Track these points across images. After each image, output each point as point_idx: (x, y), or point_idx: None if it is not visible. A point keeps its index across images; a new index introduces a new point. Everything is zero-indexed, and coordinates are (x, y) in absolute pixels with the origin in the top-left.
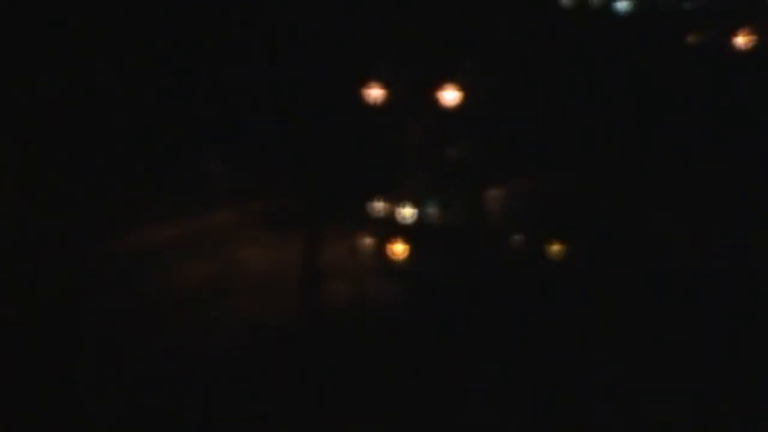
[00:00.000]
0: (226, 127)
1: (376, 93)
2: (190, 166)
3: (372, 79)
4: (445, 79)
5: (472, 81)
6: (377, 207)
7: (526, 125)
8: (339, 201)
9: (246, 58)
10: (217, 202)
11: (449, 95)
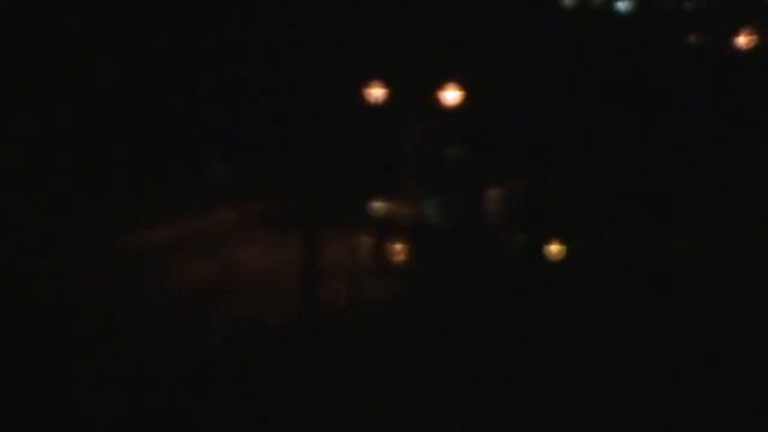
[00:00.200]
0: (226, 128)
1: (376, 93)
2: (190, 166)
3: (372, 79)
4: (445, 79)
5: (472, 81)
6: (377, 207)
7: (525, 125)
8: (339, 201)
9: (246, 59)
10: (217, 202)
11: (449, 95)
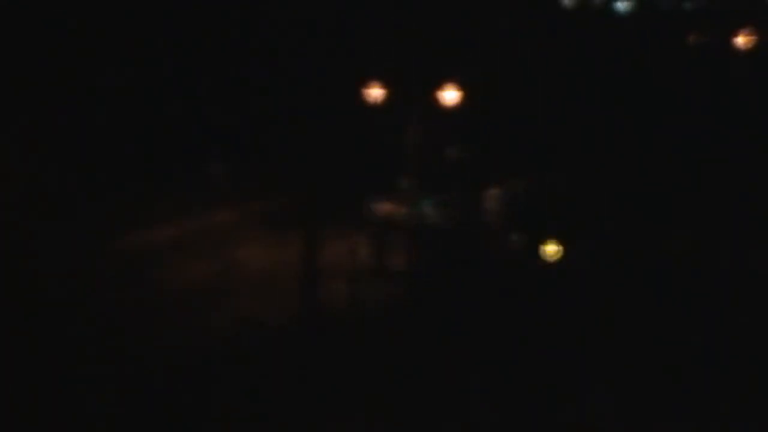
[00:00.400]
0: (226, 128)
1: (376, 93)
2: (190, 166)
3: (372, 79)
4: (445, 79)
5: (472, 81)
6: (376, 207)
7: (525, 125)
8: (339, 201)
9: (246, 59)
10: (217, 202)
11: (449, 95)
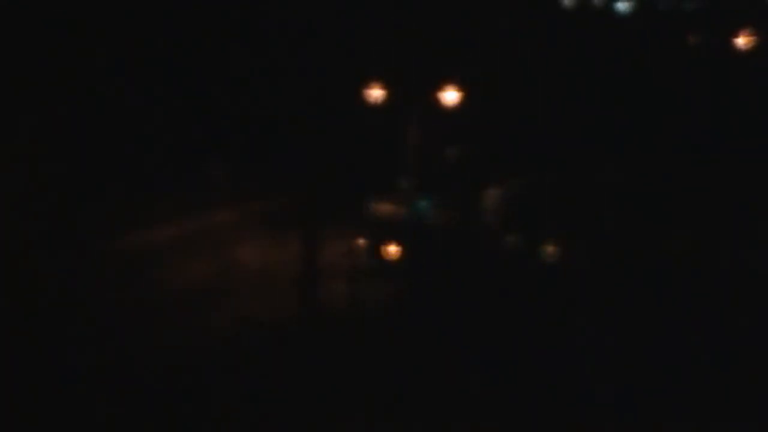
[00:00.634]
0: (226, 128)
1: (376, 93)
2: (190, 166)
3: (372, 79)
4: (445, 79)
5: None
6: (374, 207)
7: (525, 125)
8: (339, 201)
9: (246, 59)
10: (217, 202)
11: (449, 95)
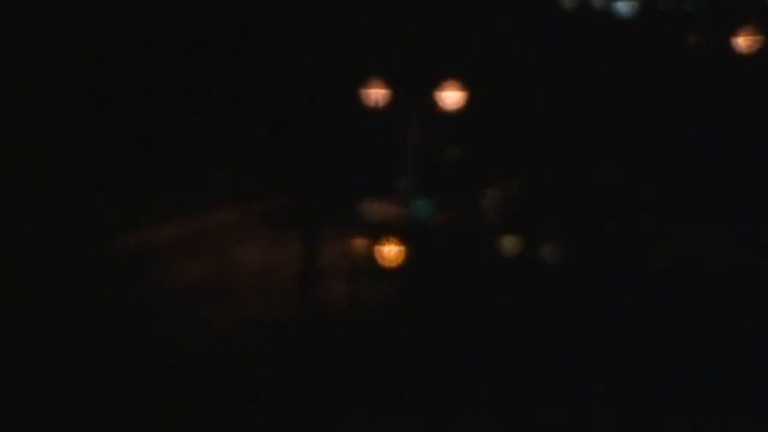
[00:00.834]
0: (226, 127)
1: (376, 93)
2: (190, 166)
3: (372, 79)
4: (446, 79)
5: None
6: (375, 208)
7: (525, 125)
8: (339, 201)
9: (246, 59)
10: (217, 202)
11: (449, 96)
